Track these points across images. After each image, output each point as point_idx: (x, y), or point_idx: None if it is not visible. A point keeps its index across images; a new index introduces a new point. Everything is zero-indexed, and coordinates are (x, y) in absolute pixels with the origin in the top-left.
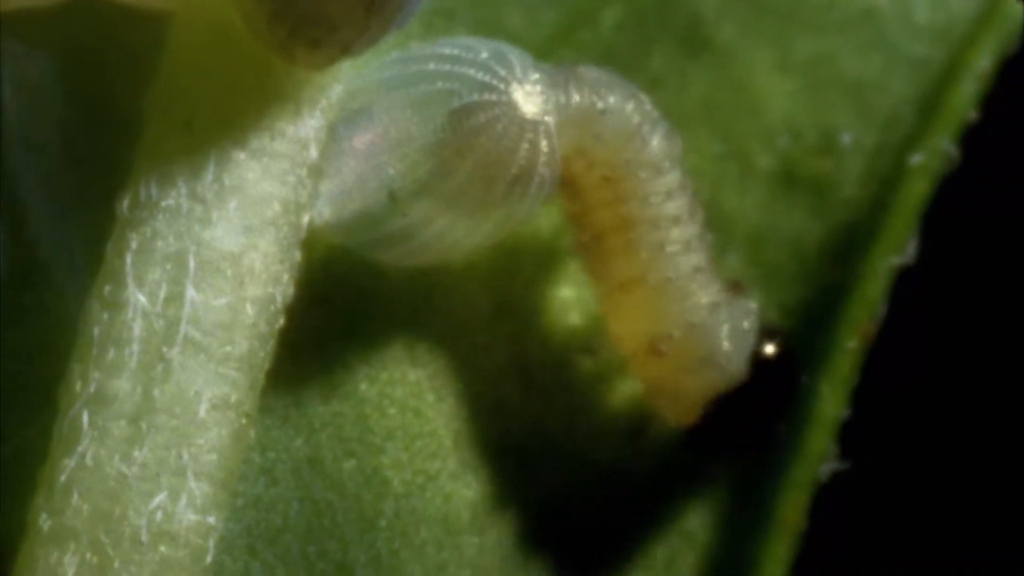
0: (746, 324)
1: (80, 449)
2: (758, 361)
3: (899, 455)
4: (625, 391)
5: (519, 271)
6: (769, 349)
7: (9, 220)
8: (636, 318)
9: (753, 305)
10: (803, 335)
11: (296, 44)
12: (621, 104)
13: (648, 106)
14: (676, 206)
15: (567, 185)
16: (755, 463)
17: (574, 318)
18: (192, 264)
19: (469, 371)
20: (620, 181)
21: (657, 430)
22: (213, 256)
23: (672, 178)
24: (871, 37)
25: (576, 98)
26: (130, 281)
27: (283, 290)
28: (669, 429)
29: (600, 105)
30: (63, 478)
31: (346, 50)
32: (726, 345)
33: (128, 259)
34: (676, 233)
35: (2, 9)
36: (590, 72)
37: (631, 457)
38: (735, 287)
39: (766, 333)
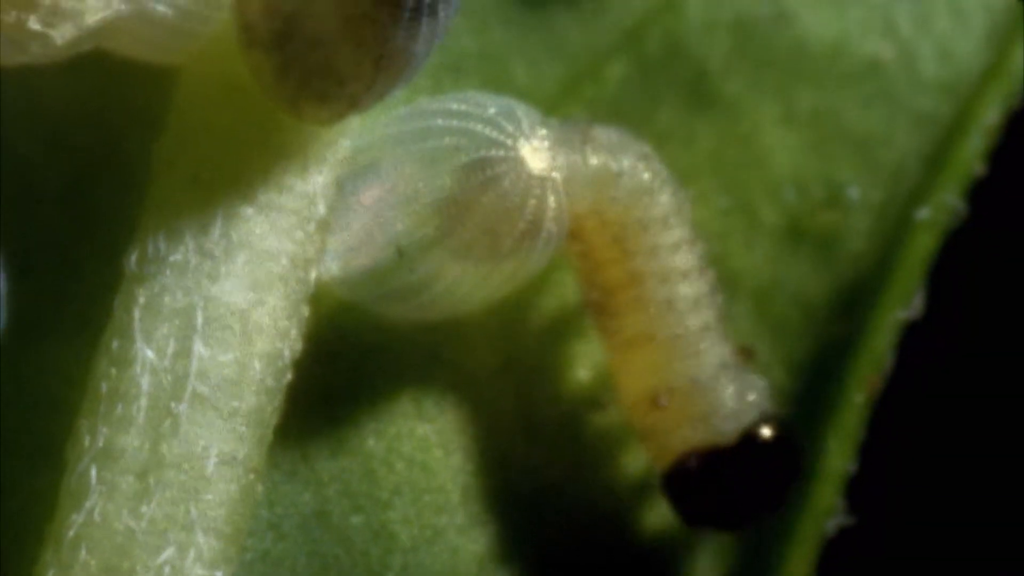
0: (752, 396)
1: (88, 504)
2: (751, 437)
3: (906, 510)
4: (632, 444)
5: (527, 326)
6: (765, 432)
7: (16, 273)
8: (642, 371)
9: (762, 381)
10: (810, 389)
11: (304, 98)
12: (635, 165)
13: (657, 164)
14: (684, 260)
15: (578, 242)
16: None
17: (582, 373)
18: (200, 319)
19: (476, 425)
20: (629, 238)
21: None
22: (221, 311)
23: (679, 233)
24: (877, 91)
25: (594, 161)
26: (138, 336)
27: (291, 345)
28: None
29: (615, 167)
30: (71, 533)
31: (354, 105)
32: (728, 405)
33: (136, 314)
34: (685, 289)
35: (7, 63)
36: (603, 133)
37: (637, 510)
38: (746, 353)
39: (767, 417)
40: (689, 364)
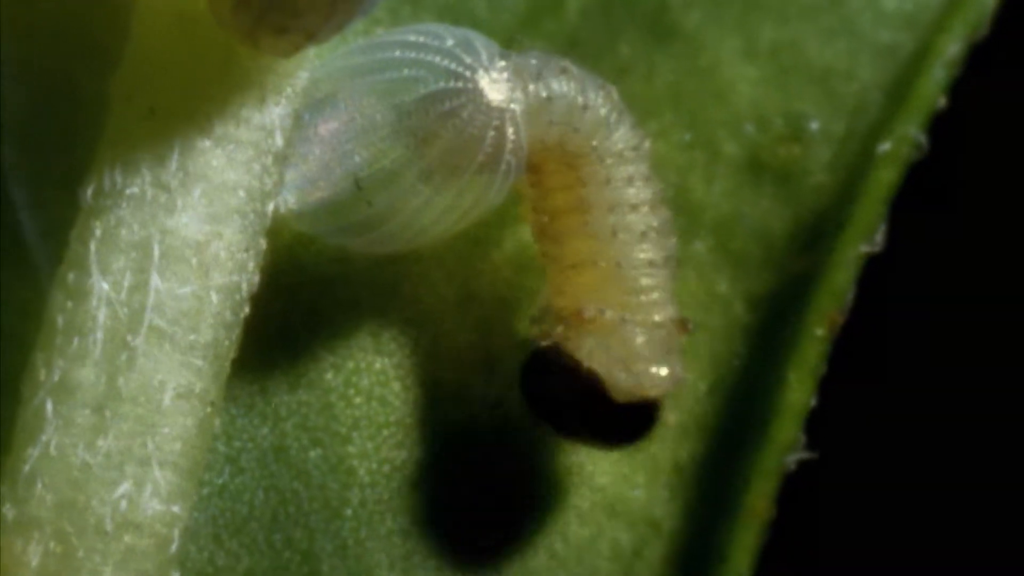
0: (669, 371)
1: (44, 438)
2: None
3: (866, 445)
4: None
5: (485, 259)
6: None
7: None
8: (578, 293)
9: (679, 366)
10: (771, 323)
11: (261, 31)
12: (597, 98)
13: (616, 96)
14: (635, 193)
15: (532, 173)
16: (726, 452)
17: (541, 307)
18: (157, 252)
19: (435, 360)
20: (584, 167)
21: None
22: (178, 244)
23: (634, 168)
24: (838, 23)
25: (559, 91)
26: (94, 269)
27: (248, 278)
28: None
29: (581, 100)
30: (27, 467)
31: (311, 37)
32: (641, 366)
33: (92, 247)
34: (631, 219)
35: None
36: (565, 64)
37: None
38: (682, 325)
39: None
40: (628, 297)
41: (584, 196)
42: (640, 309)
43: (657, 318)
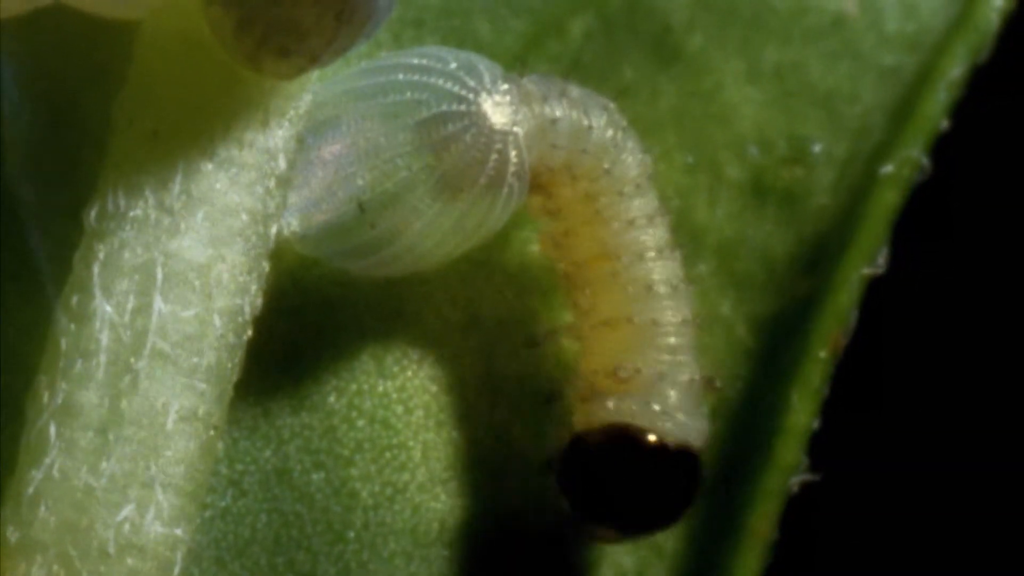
0: (702, 427)
1: (47, 461)
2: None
3: (870, 466)
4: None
5: (489, 283)
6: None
7: None
8: (609, 352)
9: (704, 423)
10: (774, 345)
11: (264, 53)
12: (600, 119)
13: (618, 115)
14: (657, 235)
15: (547, 200)
16: (730, 480)
17: (543, 330)
18: (160, 275)
19: (438, 382)
20: (600, 195)
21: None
22: (181, 267)
23: (651, 201)
24: (841, 46)
25: (562, 114)
26: (97, 292)
27: (251, 301)
28: None
29: (585, 122)
30: (30, 490)
31: (315, 59)
32: (675, 421)
33: (95, 270)
34: (660, 271)
35: None
36: (568, 87)
37: None
38: (710, 384)
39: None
40: (660, 350)
41: (607, 238)
42: (673, 367)
43: (686, 377)
